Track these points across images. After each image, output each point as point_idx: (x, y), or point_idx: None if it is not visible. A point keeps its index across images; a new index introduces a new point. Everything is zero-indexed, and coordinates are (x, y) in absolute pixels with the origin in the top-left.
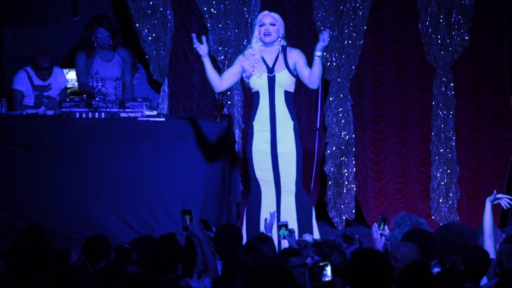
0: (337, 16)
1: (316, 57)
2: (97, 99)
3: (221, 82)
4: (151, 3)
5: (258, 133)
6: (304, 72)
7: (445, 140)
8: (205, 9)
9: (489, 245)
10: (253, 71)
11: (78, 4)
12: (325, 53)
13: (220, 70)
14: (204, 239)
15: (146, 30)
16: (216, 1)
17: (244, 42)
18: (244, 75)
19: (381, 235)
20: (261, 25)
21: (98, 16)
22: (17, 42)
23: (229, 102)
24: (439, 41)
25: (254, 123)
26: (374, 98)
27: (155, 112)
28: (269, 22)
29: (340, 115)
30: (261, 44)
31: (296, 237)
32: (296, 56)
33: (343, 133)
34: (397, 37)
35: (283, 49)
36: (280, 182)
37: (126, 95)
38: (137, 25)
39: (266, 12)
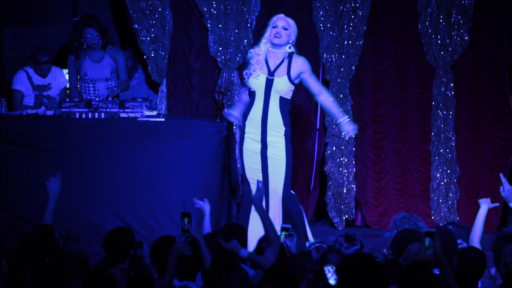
0: (337, 16)
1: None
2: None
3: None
4: (149, 3)
5: (250, 133)
6: (313, 87)
7: (445, 140)
8: (205, 9)
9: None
10: (254, 70)
11: (78, 4)
12: (325, 54)
13: (220, 71)
14: (203, 242)
15: (144, 31)
16: (216, 1)
17: (244, 42)
18: (244, 72)
19: None
20: (273, 27)
21: (86, 17)
22: (17, 42)
23: (229, 102)
24: (439, 41)
25: (247, 123)
26: (374, 98)
27: (155, 113)
28: (282, 25)
29: None
30: (269, 45)
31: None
32: (301, 66)
33: (343, 133)
34: (397, 37)
35: (289, 56)
36: (269, 185)
37: (121, 85)
38: (136, 25)
39: (282, 15)
